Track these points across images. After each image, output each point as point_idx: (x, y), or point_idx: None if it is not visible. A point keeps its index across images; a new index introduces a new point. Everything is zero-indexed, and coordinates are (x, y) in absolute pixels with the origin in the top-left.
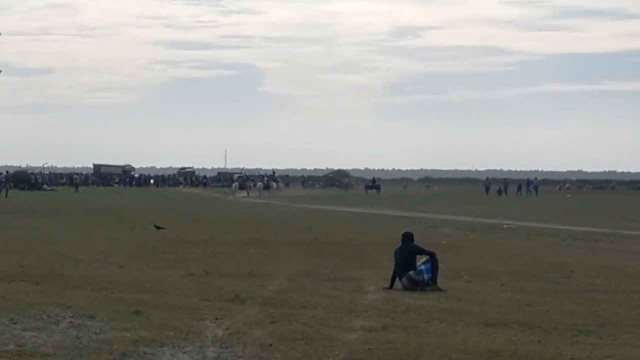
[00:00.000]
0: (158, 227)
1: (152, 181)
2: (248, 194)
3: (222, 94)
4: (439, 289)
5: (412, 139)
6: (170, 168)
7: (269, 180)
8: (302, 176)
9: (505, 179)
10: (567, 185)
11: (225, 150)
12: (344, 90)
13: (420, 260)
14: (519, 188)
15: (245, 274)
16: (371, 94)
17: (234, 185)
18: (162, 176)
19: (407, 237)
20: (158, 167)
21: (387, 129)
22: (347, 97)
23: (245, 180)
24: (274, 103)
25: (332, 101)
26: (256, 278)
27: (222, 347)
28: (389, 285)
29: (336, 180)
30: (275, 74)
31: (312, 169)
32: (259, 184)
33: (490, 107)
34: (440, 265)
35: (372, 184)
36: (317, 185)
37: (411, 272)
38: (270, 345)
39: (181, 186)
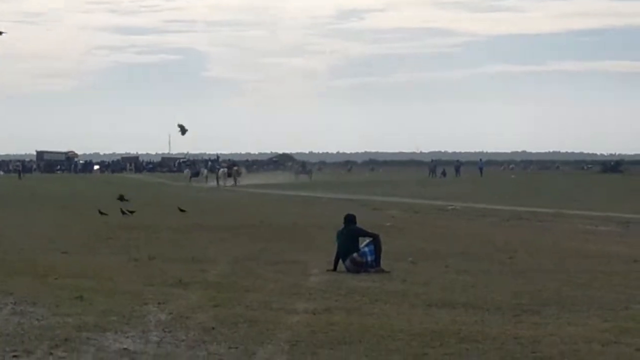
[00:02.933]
0: (131, 212)
1: (96, 167)
2: (218, 183)
3: (166, 79)
4: (383, 271)
5: (356, 121)
6: (114, 154)
7: (230, 167)
8: (247, 160)
9: (458, 160)
10: (511, 166)
11: (170, 136)
12: (289, 73)
13: (364, 242)
14: (457, 170)
15: (188, 259)
16: (316, 77)
17: (185, 172)
18: (106, 162)
19: (350, 220)
20: (102, 153)
21: (331, 112)
22: (292, 81)
23: (199, 166)
24: (218, 87)
25: (277, 85)
26: (200, 263)
27: (165, 332)
28: (332, 267)
29: (280, 164)
30: (219, 58)
31: (256, 153)
32: (221, 170)
33: (435, 88)
34: (385, 247)
35: (302, 168)
36: (262, 170)
37: (354, 254)
38: (213, 328)
39: (125, 172)
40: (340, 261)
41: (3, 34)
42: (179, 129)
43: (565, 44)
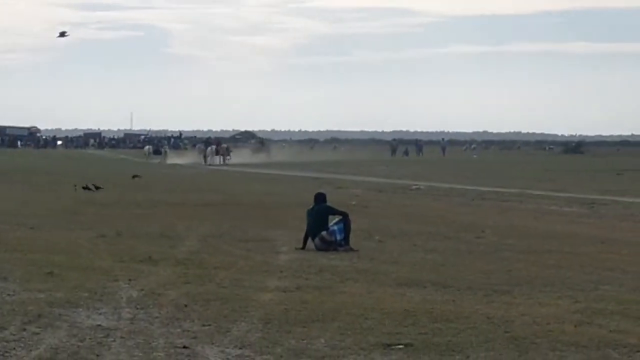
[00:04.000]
0: (97, 188)
1: (59, 143)
2: (205, 161)
3: (128, 56)
4: (352, 249)
5: (319, 100)
6: (75, 130)
7: (218, 145)
8: (209, 137)
9: (417, 140)
10: (473, 146)
11: (132, 112)
12: (251, 51)
13: (333, 220)
14: (420, 149)
15: (157, 235)
16: (278, 55)
17: (146, 148)
18: (70, 138)
19: (320, 198)
20: (64, 129)
21: (294, 91)
22: (254, 59)
23: (162, 143)
24: (180, 64)
25: (239, 63)
26: (168, 239)
27: (137, 308)
28: (301, 245)
29: (242, 142)
30: (181, 35)
31: (218, 130)
32: (209, 148)
33: (397, 68)
34: (351, 225)
35: (261, 146)
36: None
37: (324, 233)
38: (186, 306)
39: (88, 147)
40: (310, 239)
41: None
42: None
43: (528, 25)
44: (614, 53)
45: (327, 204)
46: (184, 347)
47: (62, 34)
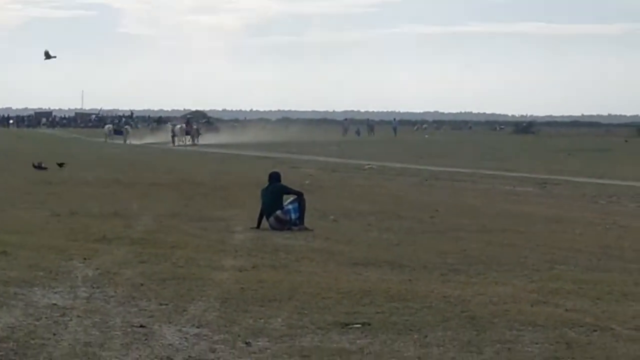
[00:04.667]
0: (60, 165)
1: (11, 121)
2: (173, 142)
3: (80, 35)
4: (306, 229)
5: (270, 80)
6: (26, 109)
7: (188, 124)
8: (160, 117)
9: (369, 120)
10: (424, 126)
11: (83, 91)
12: (203, 31)
13: (287, 200)
14: (371, 129)
15: (111, 215)
16: (231, 35)
17: (106, 127)
18: (22, 117)
19: (274, 177)
20: (14, 107)
21: (246, 70)
22: (206, 38)
23: (123, 123)
24: (132, 44)
25: (191, 42)
26: (122, 218)
27: (93, 287)
28: (256, 225)
29: (194, 121)
30: (133, 14)
31: (169, 109)
32: (178, 126)
33: (350, 48)
34: (306, 205)
35: (209, 125)
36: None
37: (278, 212)
38: (142, 285)
39: (39, 127)
40: (264, 219)
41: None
42: (44, 56)
43: (480, 6)
44: (565, 34)
45: (282, 183)
46: (141, 326)
47: (48, 56)
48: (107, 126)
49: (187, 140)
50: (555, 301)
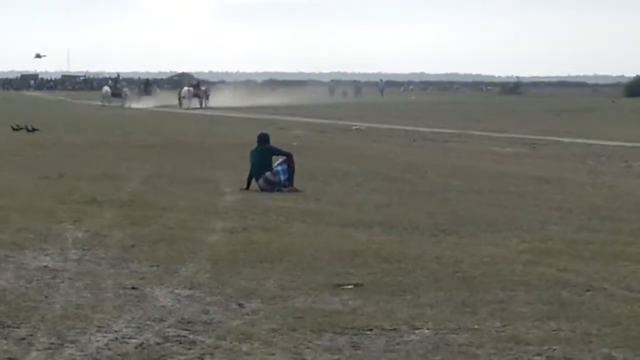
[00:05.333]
0: (33, 129)
1: None
2: (180, 104)
3: None
4: (296, 190)
5: (256, 42)
6: (12, 72)
7: (196, 86)
8: (147, 79)
9: (355, 81)
10: (411, 87)
11: (68, 52)
12: None
13: (276, 161)
14: (358, 90)
15: (99, 176)
16: None
17: (104, 90)
18: (8, 79)
19: (263, 139)
20: (0, 70)
21: (231, 32)
22: (191, 1)
23: (120, 86)
24: (117, 6)
25: (176, 3)
26: (111, 180)
27: (83, 250)
28: (245, 186)
29: (180, 83)
30: None
31: (156, 71)
32: (186, 89)
33: (335, 9)
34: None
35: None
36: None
37: (267, 173)
38: (132, 247)
39: (27, 89)
40: (254, 180)
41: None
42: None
43: None
44: None
45: (271, 144)
46: (133, 288)
47: (38, 56)
48: (104, 88)
49: (197, 103)
50: (548, 261)
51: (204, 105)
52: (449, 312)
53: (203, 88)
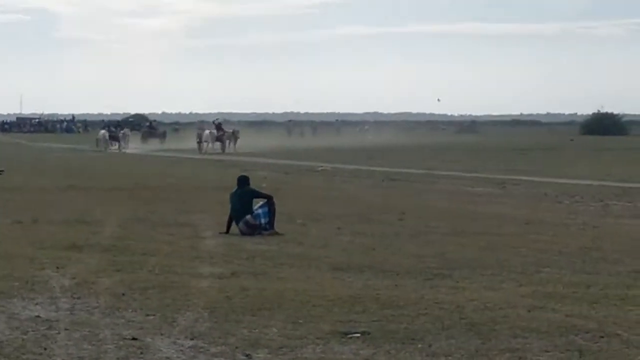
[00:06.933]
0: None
1: None
2: (200, 148)
3: (17, 39)
4: (277, 233)
5: (210, 82)
6: None
7: (219, 128)
8: (103, 120)
9: (312, 121)
10: (366, 127)
11: (21, 95)
12: (143, 33)
13: (257, 204)
14: (314, 129)
15: (75, 221)
16: (171, 37)
17: (101, 133)
18: None
19: (243, 181)
20: None
21: (186, 73)
22: (146, 41)
23: (117, 127)
24: (70, 47)
25: (131, 45)
26: (87, 225)
27: (74, 298)
28: (225, 230)
29: (136, 124)
30: (71, 18)
31: (109, 113)
32: (207, 131)
33: (291, 49)
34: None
35: (152, 130)
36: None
37: (248, 217)
38: (124, 294)
39: None
40: (234, 223)
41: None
42: None
43: (419, 6)
44: (500, 34)
45: (251, 186)
46: (133, 338)
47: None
48: (102, 132)
49: (222, 147)
50: (552, 306)
51: (229, 150)
52: None
53: (229, 131)
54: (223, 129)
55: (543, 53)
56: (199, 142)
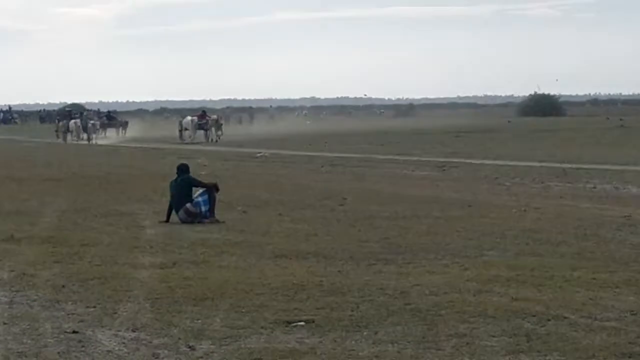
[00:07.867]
0: None
1: None
2: (181, 137)
3: None
4: (217, 221)
5: (145, 70)
6: None
7: (201, 117)
8: (40, 111)
9: (250, 107)
10: (304, 112)
11: None
12: (75, 23)
13: (197, 192)
14: (251, 116)
15: (12, 212)
16: (103, 26)
17: (72, 123)
18: None
19: (183, 169)
20: None
21: (120, 62)
22: (79, 30)
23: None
24: (3, 39)
25: (63, 35)
26: (25, 216)
27: (12, 291)
28: (165, 219)
29: (74, 113)
30: (3, 9)
31: (45, 103)
32: (189, 118)
33: (224, 36)
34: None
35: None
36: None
37: (188, 205)
38: (63, 286)
39: None
40: (174, 212)
41: None
42: None
43: None
44: (436, 16)
45: (191, 175)
46: (74, 331)
47: None
48: (73, 121)
49: (205, 136)
50: (497, 289)
51: (212, 139)
52: (412, 348)
53: (213, 117)
54: (207, 116)
55: (479, 35)
56: (180, 130)
